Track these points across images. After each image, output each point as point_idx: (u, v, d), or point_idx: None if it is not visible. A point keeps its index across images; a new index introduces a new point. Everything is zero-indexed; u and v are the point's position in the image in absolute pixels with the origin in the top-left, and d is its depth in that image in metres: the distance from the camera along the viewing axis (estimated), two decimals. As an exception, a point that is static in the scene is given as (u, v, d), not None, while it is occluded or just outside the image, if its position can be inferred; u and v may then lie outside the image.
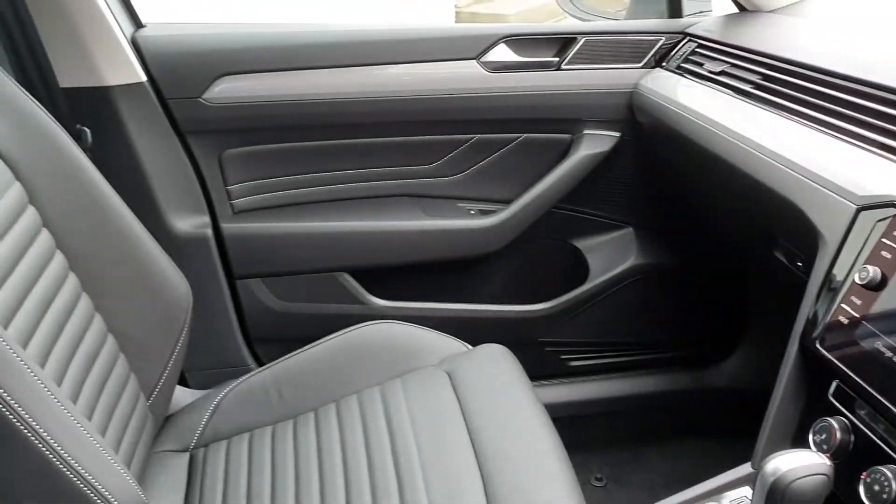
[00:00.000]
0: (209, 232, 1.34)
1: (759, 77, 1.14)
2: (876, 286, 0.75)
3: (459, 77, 1.34)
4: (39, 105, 0.93)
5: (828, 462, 0.67)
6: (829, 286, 0.82)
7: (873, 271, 0.76)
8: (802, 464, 0.65)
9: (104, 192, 0.96)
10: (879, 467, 0.71)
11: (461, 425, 1.01)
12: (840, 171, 0.87)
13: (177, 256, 1.04)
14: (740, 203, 1.17)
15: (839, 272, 0.82)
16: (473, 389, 1.08)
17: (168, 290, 1.01)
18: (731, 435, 1.61)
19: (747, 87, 1.14)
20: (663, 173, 1.44)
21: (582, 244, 1.53)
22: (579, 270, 1.52)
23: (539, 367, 1.55)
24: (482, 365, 1.14)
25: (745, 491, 0.83)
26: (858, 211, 0.82)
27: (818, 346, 0.81)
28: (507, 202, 1.47)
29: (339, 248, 1.38)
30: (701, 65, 1.28)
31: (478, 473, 0.93)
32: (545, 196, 1.41)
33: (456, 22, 7.45)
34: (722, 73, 1.22)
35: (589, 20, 1.54)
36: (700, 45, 1.33)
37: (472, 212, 1.46)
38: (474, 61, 1.34)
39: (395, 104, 1.33)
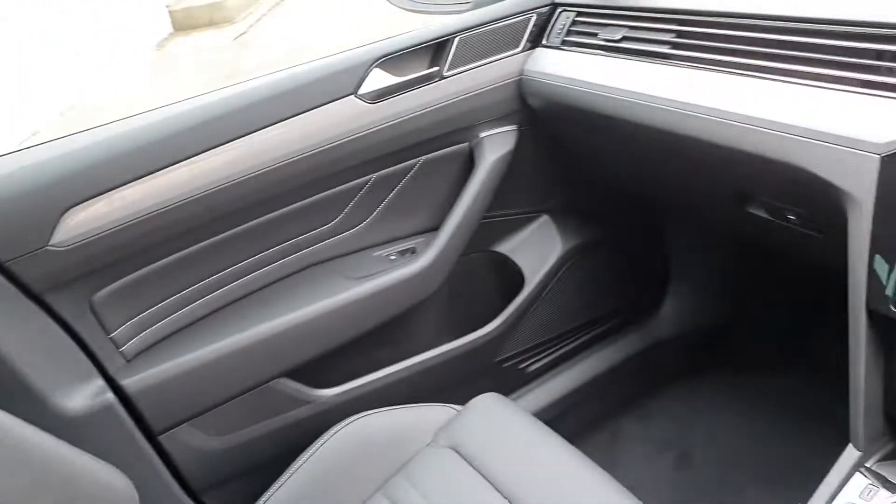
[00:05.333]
0: (110, 396, 1.05)
1: (672, 35, 1.07)
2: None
3: (341, 119, 1.15)
4: None
5: None
6: (881, 245, 0.78)
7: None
8: None
9: None
10: None
11: (502, 501, 0.91)
12: (842, 122, 0.82)
13: (81, 441, 0.73)
14: (690, 170, 1.11)
15: (884, 229, 0.77)
16: (492, 458, 0.97)
17: (106, 494, 0.72)
18: (691, 376, 1.63)
19: (664, 49, 1.07)
20: (570, 152, 1.36)
21: (506, 248, 1.42)
22: (513, 276, 1.41)
23: (504, 385, 1.44)
24: (485, 428, 1.02)
25: None
26: (883, 161, 0.77)
27: (892, 307, 0.77)
28: (422, 232, 1.32)
29: (265, 354, 1.15)
30: (594, 34, 1.19)
31: None
32: (467, 219, 1.27)
33: (173, 23, 6.50)
34: (623, 39, 1.14)
35: (433, 13, 1.39)
36: (580, 14, 1.23)
37: (392, 257, 1.29)
38: (352, 97, 1.15)
39: (277, 172, 1.11)
